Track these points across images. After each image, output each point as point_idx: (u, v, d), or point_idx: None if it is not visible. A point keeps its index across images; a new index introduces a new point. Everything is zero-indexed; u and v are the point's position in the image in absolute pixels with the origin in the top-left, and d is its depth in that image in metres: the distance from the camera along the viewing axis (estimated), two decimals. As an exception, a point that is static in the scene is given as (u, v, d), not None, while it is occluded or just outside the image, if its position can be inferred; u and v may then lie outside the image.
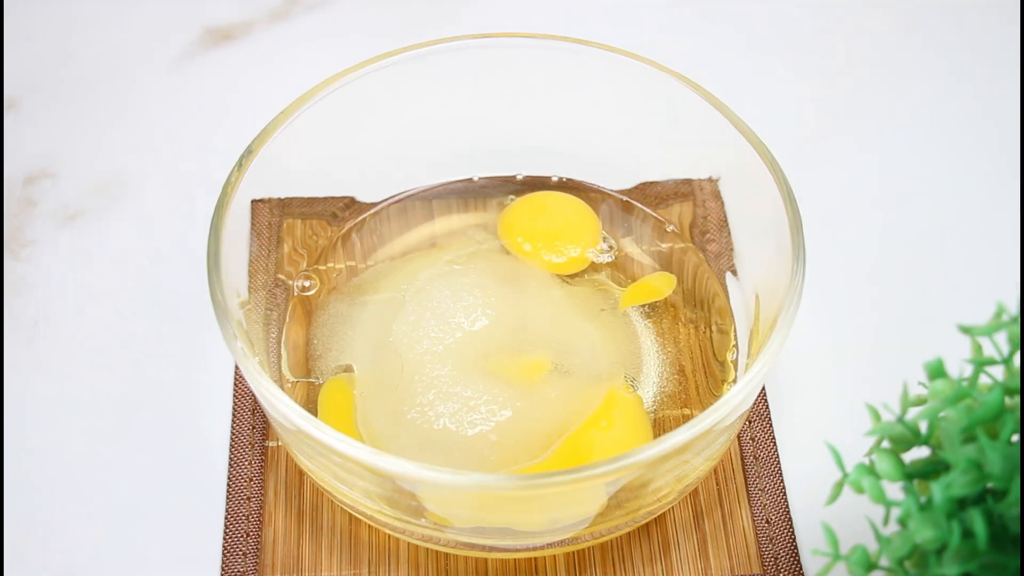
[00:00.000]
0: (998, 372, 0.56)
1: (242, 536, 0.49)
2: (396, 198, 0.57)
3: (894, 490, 0.38)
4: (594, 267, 0.55)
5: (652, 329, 0.53)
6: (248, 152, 0.48)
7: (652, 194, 0.57)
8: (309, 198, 0.56)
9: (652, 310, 0.53)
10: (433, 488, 0.42)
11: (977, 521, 0.34)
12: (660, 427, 0.50)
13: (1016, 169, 0.63)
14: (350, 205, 0.56)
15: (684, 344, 0.53)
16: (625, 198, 0.57)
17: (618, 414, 0.49)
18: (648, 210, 0.57)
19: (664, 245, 0.56)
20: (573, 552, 0.49)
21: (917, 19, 0.71)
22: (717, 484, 0.51)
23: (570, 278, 0.54)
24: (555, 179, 0.58)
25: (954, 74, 0.68)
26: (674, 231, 0.56)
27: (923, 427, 0.39)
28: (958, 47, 0.69)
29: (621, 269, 0.55)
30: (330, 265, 0.55)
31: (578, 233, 0.55)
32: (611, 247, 0.55)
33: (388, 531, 0.48)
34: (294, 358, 0.52)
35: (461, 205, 0.58)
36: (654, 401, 0.51)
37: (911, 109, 0.66)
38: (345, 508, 0.48)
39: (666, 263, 0.55)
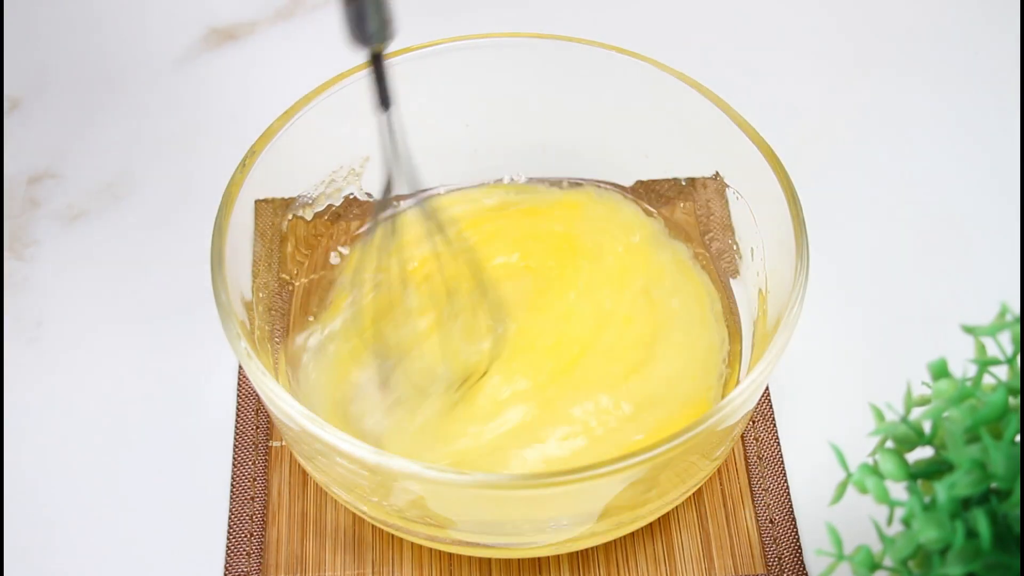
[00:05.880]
0: (1002, 372, 0.56)
1: (246, 536, 0.49)
2: (399, 197, 0.57)
3: (898, 490, 0.38)
4: None
5: None
6: (251, 152, 0.48)
7: (655, 192, 0.57)
8: (313, 198, 0.56)
9: None
10: (435, 487, 0.42)
11: (981, 521, 0.34)
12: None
13: (1017, 168, 0.63)
14: (353, 205, 0.56)
15: None
16: (629, 196, 0.57)
17: None
18: (651, 208, 0.57)
19: None
20: (577, 552, 0.49)
21: (919, 18, 0.71)
22: (721, 484, 0.51)
23: None
24: (557, 178, 0.57)
25: (956, 73, 0.68)
26: None
27: (927, 427, 0.39)
28: (960, 46, 0.69)
29: None
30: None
31: None
32: None
33: (391, 531, 0.48)
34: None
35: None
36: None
37: (913, 108, 0.66)
38: (348, 508, 0.48)
39: None
